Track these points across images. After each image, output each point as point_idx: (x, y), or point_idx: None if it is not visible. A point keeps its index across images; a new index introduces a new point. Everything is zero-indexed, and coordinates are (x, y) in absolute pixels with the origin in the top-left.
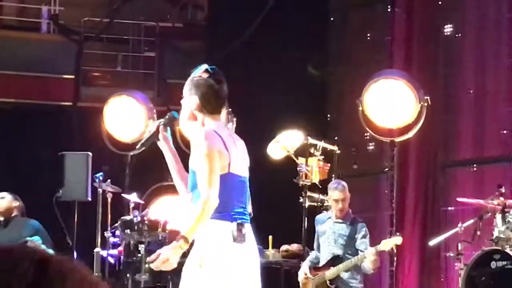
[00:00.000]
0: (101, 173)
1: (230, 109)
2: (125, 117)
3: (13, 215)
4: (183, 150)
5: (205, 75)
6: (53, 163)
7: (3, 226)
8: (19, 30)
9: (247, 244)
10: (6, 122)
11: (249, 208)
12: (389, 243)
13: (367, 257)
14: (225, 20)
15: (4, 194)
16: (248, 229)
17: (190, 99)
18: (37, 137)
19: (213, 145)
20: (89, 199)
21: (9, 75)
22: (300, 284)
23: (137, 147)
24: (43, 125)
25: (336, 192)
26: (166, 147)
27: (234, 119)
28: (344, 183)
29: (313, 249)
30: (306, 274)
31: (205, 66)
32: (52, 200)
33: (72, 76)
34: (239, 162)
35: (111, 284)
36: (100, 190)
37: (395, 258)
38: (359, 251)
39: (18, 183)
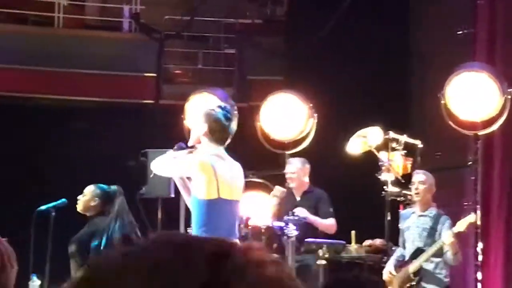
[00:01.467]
0: None
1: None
2: None
3: (92, 213)
4: (261, 147)
5: (218, 110)
6: (136, 161)
7: (88, 225)
8: (101, 29)
9: None
10: (89, 120)
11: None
12: (464, 223)
13: (445, 242)
14: (305, 15)
15: (87, 189)
16: None
17: (200, 126)
18: (119, 135)
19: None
20: (172, 195)
21: (92, 74)
22: (386, 282)
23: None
24: (125, 123)
25: (416, 176)
26: None
27: None
28: (428, 173)
29: (397, 245)
30: (390, 273)
31: (220, 103)
32: (135, 197)
33: (154, 74)
34: (231, 187)
35: None
36: None
37: (480, 252)
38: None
39: (101, 181)
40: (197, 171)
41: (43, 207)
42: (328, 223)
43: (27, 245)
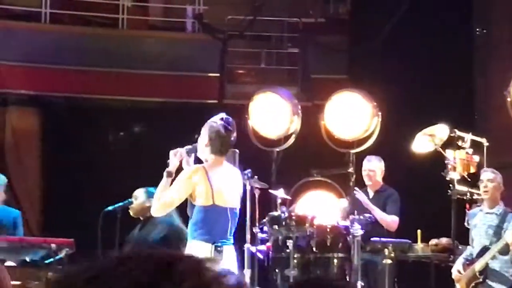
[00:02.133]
0: (249, 170)
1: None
2: (270, 114)
3: (148, 215)
4: (325, 146)
5: (219, 122)
6: (200, 161)
7: (140, 227)
8: (164, 30)
9: (223, 263)
10: (153, 120)
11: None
12: None
13: (508, 240)
14: (369, 13)
15: (138, 193)
16: (228, 251)
17: (203, 137)
18: (183, 135)
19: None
20: None
21: (155, 74)
22: (455, 281)
23: (186, 148)
24: (189, 123)
25: (484, 173)
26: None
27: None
28: (496, 171)
29: (463, 244)
30: (459, 271)
31: (222, 115)
32: None
33: (217, 74)
34: (227, 195)
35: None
36: (248, 186)
37: None
38: None
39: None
40: (192, 183)
41: (109, 208)
42: (390, 219)
43: (94, 245)
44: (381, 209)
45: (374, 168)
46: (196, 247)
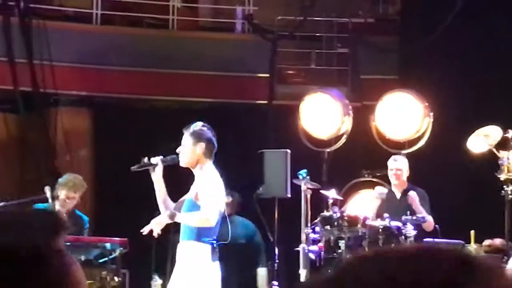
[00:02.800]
0: (305, 170)
1: None
2: (321, 114)
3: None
4: (375, 146)
5: (204, 128)
6: (252, 161)
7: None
8: (214, 31)
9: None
10: (202, 121)
11: None
12: None
13: None
14: (419, 13)
15: None
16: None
17: (198, 145)
18: (234, 135)
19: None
20: (289, 195)
21: (205, 75)
22: None
23: (132, 168)
24: (239, 124)
25: None
26: (158, 180)
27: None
28: None
29: None
30: None
31: (201, 123)
32: (252, 197)
33: (267, 75)
34: (222, 199)
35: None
36: (302, 187)
37: None
38: None
39: None
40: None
41: None
42: (430, 220)
43: (148, 245)
44: (411, 208)
45: (401, 167)
46: (195, 248)
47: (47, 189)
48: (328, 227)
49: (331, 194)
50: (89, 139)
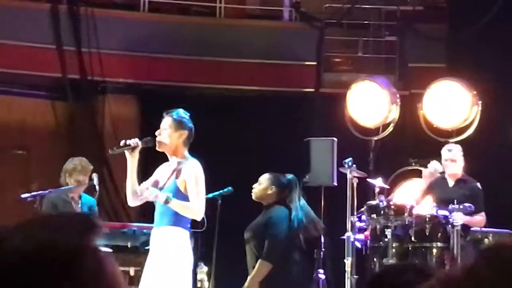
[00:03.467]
0: (351, 159)
1: None
2: (368, 102)
3: (268, 202)
4: (423, 135)
5: (187, 117)
6: (298, 149)
7: (264, 215)
8: (261, 19)
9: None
10: (250, 110)
11: None
12: None
13: None
14: (467, 1)
15: (263, 178)
16: None
17: (180, 132)
18: (280, 124)
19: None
20: (335, 184)
21: (252, 63)
22: None
23: (110, 151)
24: (286, 112)
25: None
26: (134, 162)
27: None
28: None
29: None
30: None
31: (182, 110)
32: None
33: (314, 63)
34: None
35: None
36: (348, 176)
37: None
38: None
39: (265, 170)
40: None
41: (209, 195)
42: (479, 219)
43: (195, 233)
44: (462, 199)
45: (455, 157)
46: (177, 234)
47: (95, 176)
48: (374, 215)
49: (378, 182)
50: (137, 126)
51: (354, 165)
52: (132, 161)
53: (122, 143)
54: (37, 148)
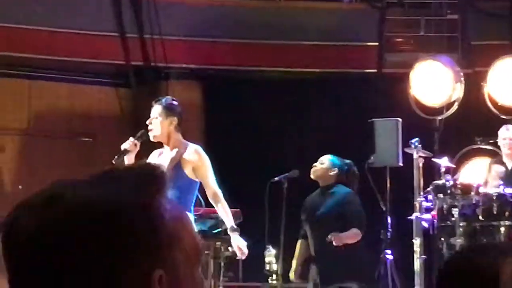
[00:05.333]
0: (416, 139)
1: None
2: (432, 82)
3: (327, 183)
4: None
5: (175, 103)
6: (362, 130)
7: (325, 195)
8: (322, 0)
9: None
10: (312, 92)
11: None
12: None
13: None
14: None
15: (324, 158)
16: None
17: (170, 119)
18: (343, 105)
19: None
20: (401, 164)
21: (313, 45)
22: None
23: (113, 160)
24: (348, 93)
25: None
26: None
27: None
28: None
29: None
30: None
31: (170, 97)
32: (363, 167)
33: (376, 43)
34: None
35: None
36: (414, 156)
37: None
38: None
39: (329, 151)
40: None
41: (275, 178)
42: None
43: (262, 216)
44: None
45: None
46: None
47: None
48: (441, 195)
49: (444, 162)
50: (201, 111)
51: (420, 145)
52: (131, 159)
53: (122, 148)
54: (103, 135)
